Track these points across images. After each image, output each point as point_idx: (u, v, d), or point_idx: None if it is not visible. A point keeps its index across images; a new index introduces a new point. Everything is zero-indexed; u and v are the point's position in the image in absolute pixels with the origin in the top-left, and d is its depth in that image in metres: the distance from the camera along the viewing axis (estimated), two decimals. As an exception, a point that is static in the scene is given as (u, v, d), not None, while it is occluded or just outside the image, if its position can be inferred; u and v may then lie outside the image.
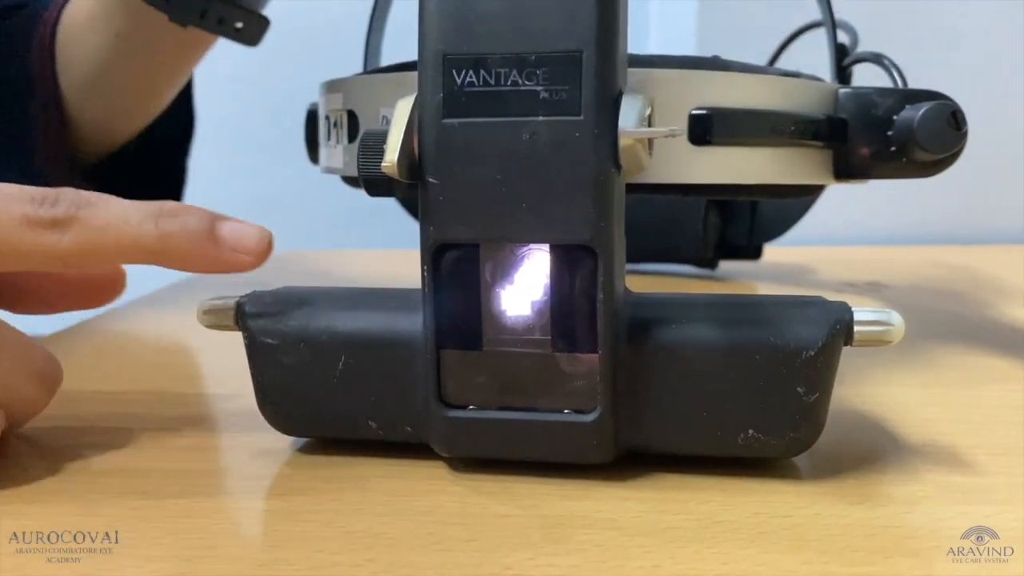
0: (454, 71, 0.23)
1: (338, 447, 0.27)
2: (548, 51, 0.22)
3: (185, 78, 0.52)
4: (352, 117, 0.35)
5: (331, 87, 0.36)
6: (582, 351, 0.24)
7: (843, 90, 0.34)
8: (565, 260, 0.23)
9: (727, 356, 0.24)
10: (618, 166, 0.23)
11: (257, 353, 0.26)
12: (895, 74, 0.39)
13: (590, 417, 0.24)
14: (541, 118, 0.22)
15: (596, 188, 0.22)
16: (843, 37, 0.44)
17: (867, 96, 0.34)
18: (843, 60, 0.42)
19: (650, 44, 0.74)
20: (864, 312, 0.24)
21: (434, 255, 0.23)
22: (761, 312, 0.24)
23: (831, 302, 0.25)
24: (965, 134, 0.32)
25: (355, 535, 0.22)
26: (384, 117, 0.33)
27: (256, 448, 0.27)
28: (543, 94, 0.22)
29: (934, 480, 0.24)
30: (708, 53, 0.34)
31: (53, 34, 0.50)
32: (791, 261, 0.60)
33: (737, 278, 0.55)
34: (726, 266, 0.57)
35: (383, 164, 0.23)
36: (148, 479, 0.25)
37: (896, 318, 0.24)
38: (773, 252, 0.58)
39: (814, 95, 0.33)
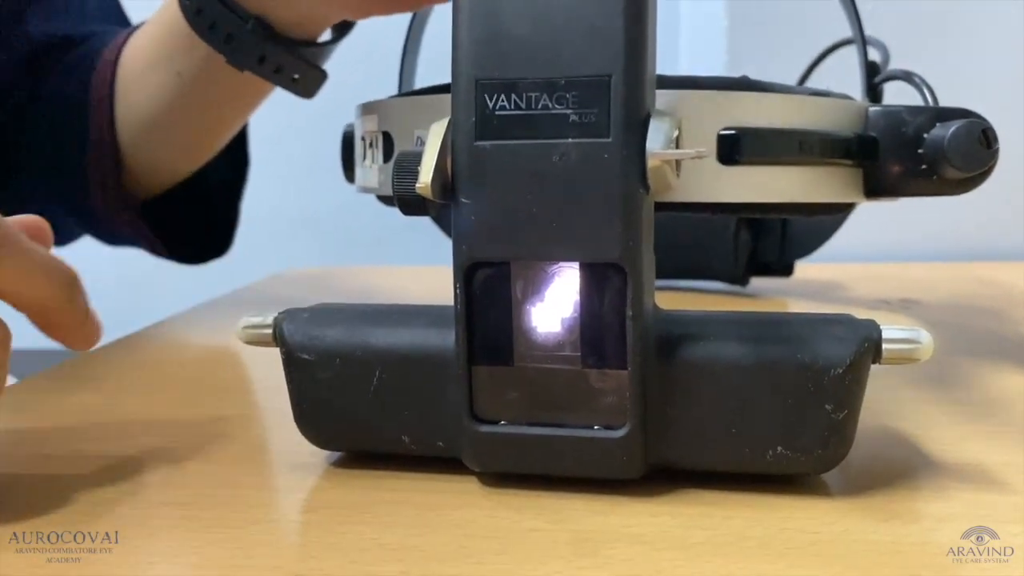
0: (486, 95, 0.23)
1: (372, 461, 0.27)
2: (577, 75, 0.23)
3: (241, 124, 0.53)
4: (387, 138, 0.35)
5: (367, 109, 0.37)
6: (612, 367, 0.24)
7: (873, 108, 0.34)
8: (595, 278, 0.24)
9: (755, 373, 0.24)
10: (646, 186, 0.23)
11: (294, 369, 0.27)
12: (925, 92, 0.39)
13: (620, 433, 0.24)
14: (571, 140, 0.23)
15: (625, 208, 0.23)
16: (874, 54, 0.44)
17: (897, 114, 0.34)
18: (874, 78, 0.42)
19: (681, 62, 0.75)
20: (892, 330, 0.24)
21: (466, 273, 0.24)
22: (789, 329, 0.25)
23: (859, 320, 0.25)
24: (996, 152, 0.32)
25: (388, 547, 0.22)
26: (419, 138, 0.34)
27: (292, 462, 0.28)
28: (573, 117, 0.23)
29: (964, 498, 0.24)
30: (738, 71, 0.34)
31: (114, 72, 0.50)
32: (823, 278, 0.60)
33: (768, 295, 0.55)
34: (757, 283, 0.57)
35: (417, 185, 0.23)
36: (186, 490, 0.26)
37: (925, 336, 0.24)
38: (804, 269, 0.58)
39: (843, 113, 0.33)
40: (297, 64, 0.44)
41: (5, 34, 0.53)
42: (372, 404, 0.26)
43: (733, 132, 0.30)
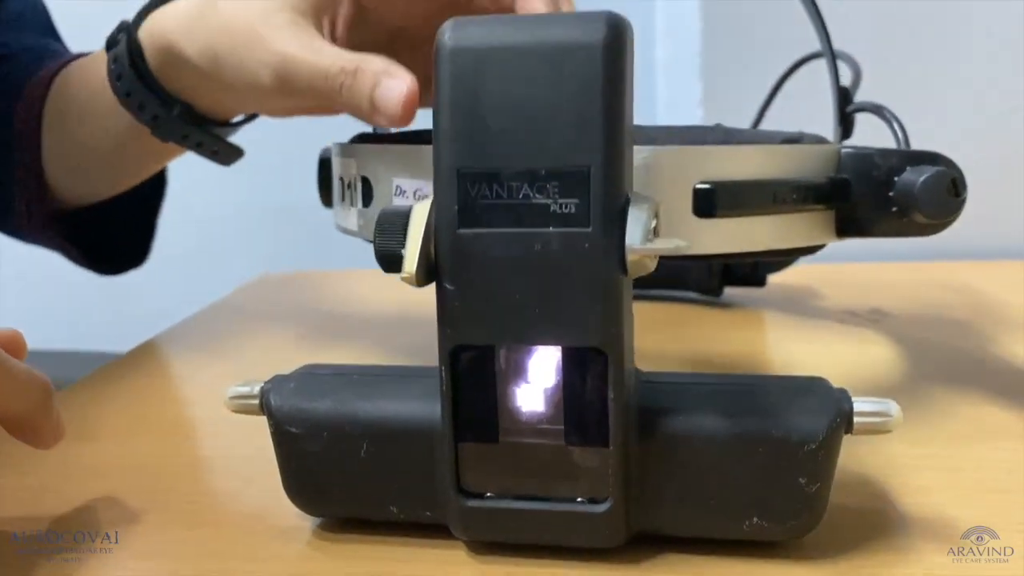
0: (468, 184, 0.24)
1: (359, 526, 0.28)
2: (558, 166, 0.23)
3: (165, 164, 0.54)
4: (366, 183, 0.36)
5: (345, 152, 0.37)
6: (594, 444, 0.25)
7: (845, 150, 0.35)
8: (577, 360, 0.24)
9: (732, 448, 0.25)
10: (625, 271, 0.24)
11: (282, 440, 0.27)
12: (895, 126, 0.40)
13: (603, 507, 0.25)
14: (552, 229, 0.23)
15: (605, 294, 0.23)
16: (848, 69, 0.45)
17: (869, 157, 0.35)
18: (846, 106, 0.43)
19: (657, 74, 0.75)
20: (864, 403, 0.25)
21: (451, 355, 0.25)
22: (765, 400, 0.25)
23: (832, 390, 0.26)
24: (964, 200, 0.33)
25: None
26: (398, 186, 0.34)
27: (281, 525, 0.29)
28: (554, 207, 0.23)
29: (924, 562, 0.25)
30: (712, 78, 0.34)
31: (41, 108, 0.50)
32: (795, 283, 0.61)
33: (742, 304, 0.56)
34: (731, 292, 0.58)
35: (402, 275, 0.24)
36: (172, 550, 0.27)
37: (894, 409, 0.25)
38: (777, 273, 0.59)
39: (816, 159, 0.34)
40: (216, 142, 0.46)
41: None
42: (360, 475, 0.27)
43: (708, 186, 0.31)
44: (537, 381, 0.25)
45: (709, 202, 0.31)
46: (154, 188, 0.56)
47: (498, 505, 0.26)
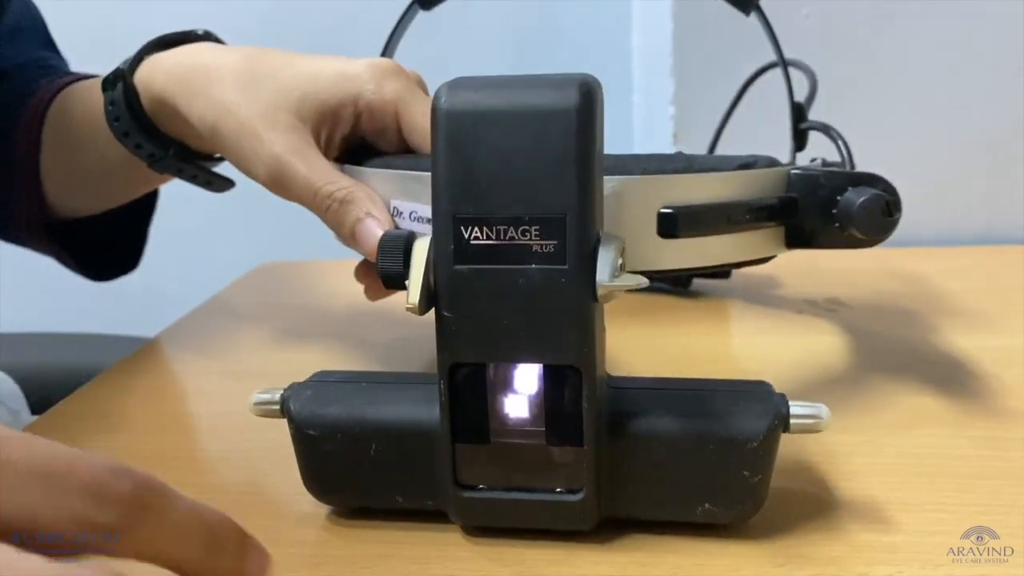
0: (462, 227, 0.28)
1: (368, 513, 0.32)
2: (539, 213, 0.27)
3: (160, 186, 0.57)
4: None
5: (348, 171, 0.41)
6: (571, 444, 0.29)
7: (794, 171, 0.39)
8: (555, 375, 0.29)
9: (686, 445, 0.29)
10: (596, 301, 0.28)
11: (301, 441, 0.32)
12: (840, 144, 0.44)
13: (578, 497, 0.29)
14: (534, 266, 0.28)
15: (579, 321, 0.28)
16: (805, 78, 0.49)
17: (815, 178, 0.39)
18: (799, 123, 0.47)
19: (634, 72, 0.78)
20: (799, 407, 0.30)
21: (449, 371, 0.29)
22: (715, 403, 0.30)
23: (773, 395, 0.30)
24: (897, 220, 0.37)
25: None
26: (395, 208, 0.38)
27: (297, 514, 0.33)
28: (535, 247, 0.28)
29: (848, 540, 0.30)
30: (684, 77, 0.38)
31: (39, 131, 0.53)
32: (758, 272, 0.65)
33: (709, 294, 0.61)
34: (699, 282, 0.62)
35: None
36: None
37: (824, 412, 0.30)
38: (743, 264, 0.63)
39: (767, 181, 0.38)
40: (210, 174, 0.49)
41: None
42: (370, 470, 0.31)
43: (671, 211, 0.35)
44: (522, 392, 0.29)
45: (672, 225, 0.35)
46: (146, 198, 0.59)
47: (489, 496, 0.30)
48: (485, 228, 0.28)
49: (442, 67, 0.37)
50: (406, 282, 0.29)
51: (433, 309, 0.29)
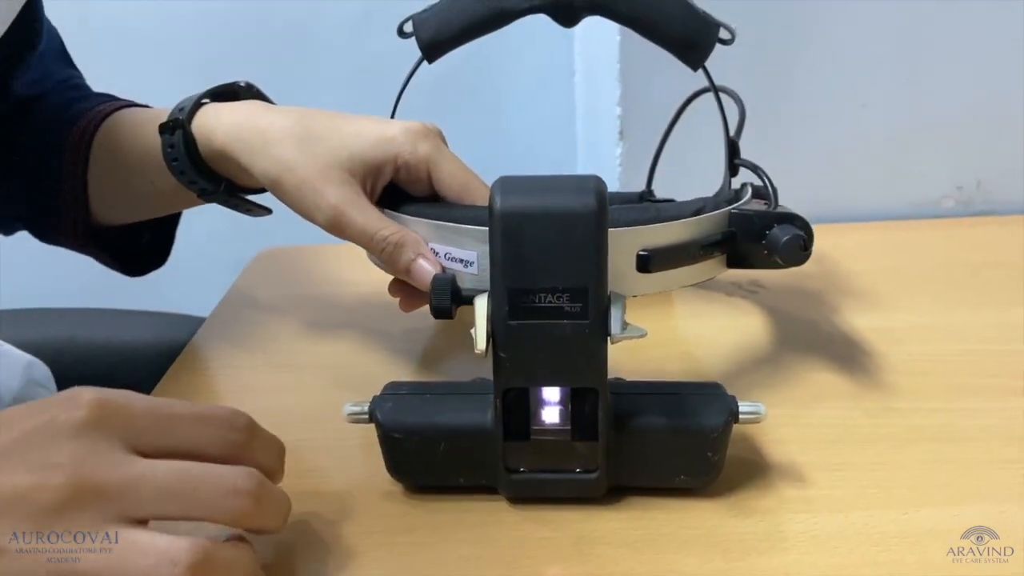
0: (514, 295, 0.39)
1: (436, 491, 0.44)
2: (569, 286, 0.39)
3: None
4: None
5: (388, 215, 0.51)
6: (588, 439, 0.41)
7: (734, 212, 0.51)
8: (579, 393, 0.41)
9: (668, 435, 0.42)
10: (607, 344, 0.40)
11: (387, 441, 0.43)
12: (766, 181, 0.56)
13: (593, 475, 0.42)
14: (566, 322, 0.39)
15: (597, 358, 0.40)
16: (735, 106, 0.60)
17: (749, 217, 0.51)
18: (734, 159, 0.59)
19: (576, 81, 0.87)
20: (745, 405, 0.42)
21: (504, 394, 0.41)
22: (686, 404, 0.42)
23: (727, 396, 0.43)
24: (810, 253, 0.50)
25: (453, 556, 0.40)
26: (432, 248, 0.49)
27: (379, 492, 0.45)
28: (566, 308, 0.39)
29: (777, 494, 0.43)
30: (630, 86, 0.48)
31: (89, 146, 0.61)
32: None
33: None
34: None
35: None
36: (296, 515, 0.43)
37: (763, 409, 0.42)
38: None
39: (715, 222, 0.50)
40: (250, 204, 0.59)
41: None
42: (439, 460, 0.43)
43: (646, 253, 0.47)
44: (554, 404, 0.41)
45: (647, 263, 0.47)
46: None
47: (529, 476, 0.42)
48: (530, 295, 0.39)
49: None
50: (454, 315, 0.41)
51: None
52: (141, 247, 0.68)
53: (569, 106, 1.11)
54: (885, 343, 0.59)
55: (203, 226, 0.69)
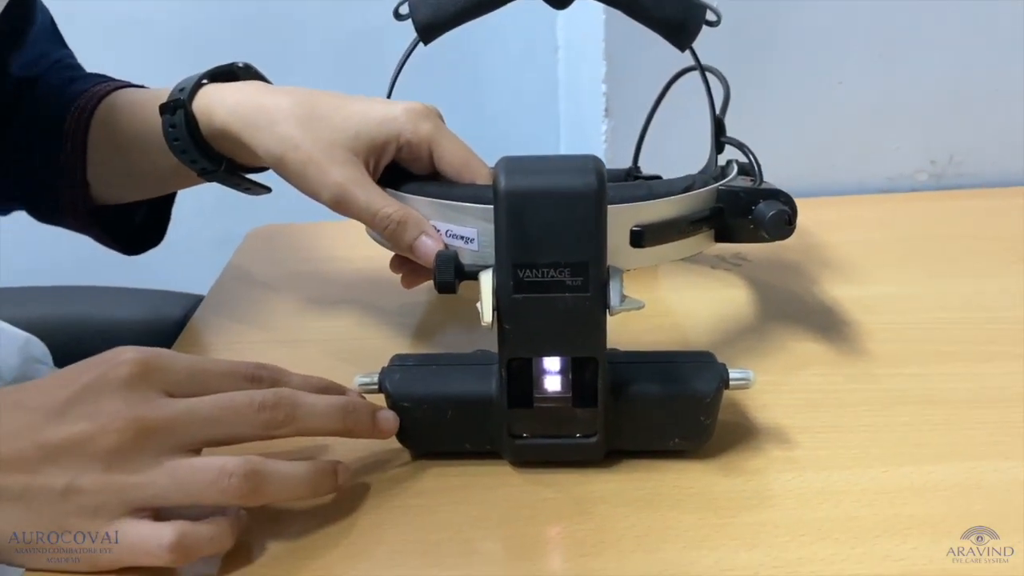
0: (518, 270, 0.41)
1: (445, 455, 0.46)
2: (570, 260, 0.41)
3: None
4: (406, 219, 0.52)
5: (391, 193, 0.53)
6: (588, 406, 0.44)
7: (722, 188, 0.54)
8: (580, 362, 0.43)
9: (662, 401, 0.44)
10: (607, 315, 0.42)
11: (396, 409, 0.45)
12: (752, 158, 0.58)
13: (593, 440, 0.44)
14: (567, 295, 0.41)
15: (597, 329, 0.42)
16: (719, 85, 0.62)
17: (736, 193, 0.53)
18: (720, 136, 0.61)
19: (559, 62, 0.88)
20: (735, 372, 0.45)
21: (508, 364, 0.43)
22: (680, 371, 0.45)
23: (717, 364, 0.45)
24: (794, 227, 0.52)
25: (462, 516, 0.42)
26: (434, 226, 0.51)
27: (388, 459, 0.47)
28: (567, 282, 0.41)
29: (766, 455, 0.46)
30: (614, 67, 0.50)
31: (87, 126, 0.61)
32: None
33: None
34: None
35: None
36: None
37: (752, 375, 0.45)
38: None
39: (703, 198, 0.53)
40: (250, 183, 0.61)
41: None
42: (447, 427, 0.45)
43: (639, 229, 0.49)
44: (556, 373, 0.43)
45: (639, 238, 0.49)
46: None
47: (533, 442, 0.45)
48: (533, 270, 0.41)
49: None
50: (457, 290, 0.43)
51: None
52: (137, 226, 0.69)
53: (552, 82, 1.13)
54: (863, 312, 0.62)
55: (189, 203, 0.70)
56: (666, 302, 0.67)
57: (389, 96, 0.59)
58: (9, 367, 0.71)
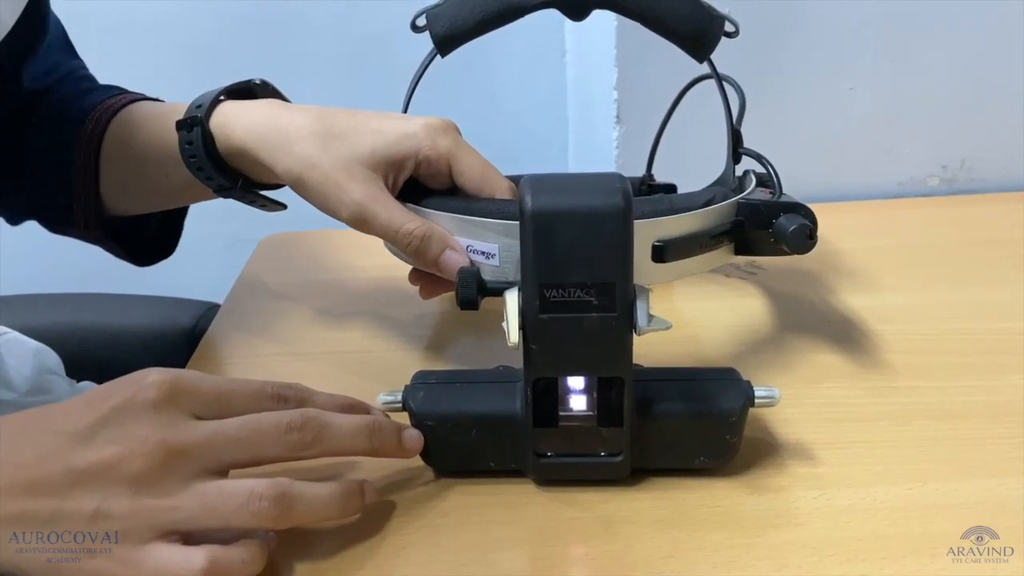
0: (545, 290, 0.41)
1: (469, 475, 0.46)
2: (596, 282, 0.41)
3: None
4: (426, 235, 0.52)
5: (412, 209, 0.53)
6: (614, 425, 0.44)
7: (742, 201, 0.53)
8: (606, 382, 0.43)
9: (688, 419, 0.44)
10: (633, 336, 0.42)
11: (420, 428, 0.45)
12: (771, 170, 0.58)
13: (618, 459, 0.44)
14: (594, 315, 0.41)
15: (624, 349, 0.42)
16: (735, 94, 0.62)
17: (756, 206, 0.53)
18: (737, 147, 0.61)
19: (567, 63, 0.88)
20: (760, 390, 0.45)
21: (533, 383, 0.43)
22: (705, 389, 0.45)
23: (742, 382, 0.45)
24: (815, 242, 0.52)
25: (487, 537, 0.42)
26: (457, 240, 0.51)
27: (413, 478, 0.47)
28: (594, 302, 0.41)
29: (790, 472, 0.46)
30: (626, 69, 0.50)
31: (101, 138, 0.61)
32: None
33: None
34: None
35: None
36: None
37: (777, 393, 0.45)
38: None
39: (724, 212, 0.53)
40: (266, 200, 0.61)
41: (3, 89, 0.63)
42: (472, 446, 0.45)
43: (661, 244, 0.49)
44: (581, 392, 0.43)
45: (661, 253, 0.49)
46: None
47: (557, 460, 0.44)
48: (560, 290, 0.41)
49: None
50: (479, 307, 0.43)
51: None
52: (149, 236, 0.69)
53: (560, 87, 1.12)
54: (878, 322, 0.62)
55: (196, 207, 0.70)
56: (682, 313, 0.67)
57: (406, 110, 0.59)
58: (23, 378, 0.70)
